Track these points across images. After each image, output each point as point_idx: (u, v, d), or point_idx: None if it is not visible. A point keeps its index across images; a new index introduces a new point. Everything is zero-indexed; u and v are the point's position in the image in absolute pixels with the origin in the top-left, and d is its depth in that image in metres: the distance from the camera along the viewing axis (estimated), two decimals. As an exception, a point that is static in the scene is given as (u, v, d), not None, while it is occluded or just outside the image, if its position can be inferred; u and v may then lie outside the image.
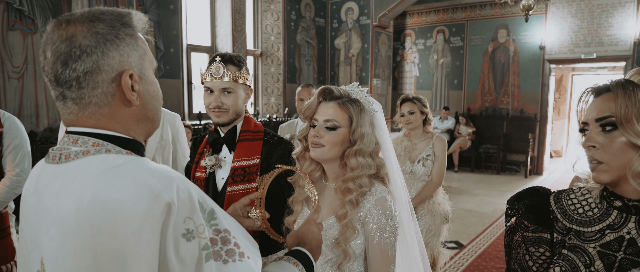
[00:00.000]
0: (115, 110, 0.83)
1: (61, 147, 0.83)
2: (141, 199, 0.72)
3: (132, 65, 0.83)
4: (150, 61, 0.89)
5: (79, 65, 0.79)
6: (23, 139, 2.24)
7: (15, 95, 4.06)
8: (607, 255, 0.98)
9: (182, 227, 0.75)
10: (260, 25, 7.20)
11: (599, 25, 8.06)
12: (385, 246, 1.28)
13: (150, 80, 0.88)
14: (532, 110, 8.90)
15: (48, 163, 0.84)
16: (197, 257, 0.76)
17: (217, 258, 0.78)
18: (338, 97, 1.36)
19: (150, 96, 0.88)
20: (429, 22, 9.90)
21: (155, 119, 0.92)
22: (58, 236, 0.76)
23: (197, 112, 5.89)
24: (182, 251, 0.75)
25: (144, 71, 0.86)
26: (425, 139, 2.98)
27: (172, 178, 0.77)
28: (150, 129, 0.92)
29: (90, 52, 0.79)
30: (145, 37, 0.91)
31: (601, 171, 0.97)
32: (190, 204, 0.77)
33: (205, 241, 0.77)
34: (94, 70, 0.79)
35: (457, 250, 4.63)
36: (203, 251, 0.76)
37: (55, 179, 0.80)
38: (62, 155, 0.81)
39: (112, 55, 0.80)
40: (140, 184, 0.74)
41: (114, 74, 0.81)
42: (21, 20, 4.05)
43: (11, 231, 2.26)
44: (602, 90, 1.00)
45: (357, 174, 1.30)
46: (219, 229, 0.80)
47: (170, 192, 0.74)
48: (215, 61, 1.61)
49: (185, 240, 0.75)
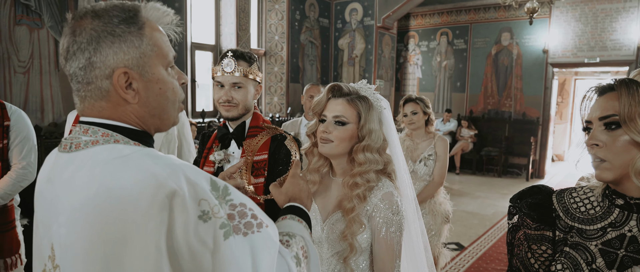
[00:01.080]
0: (114, 105, 0.84)
1: (72, 136, 0.85)
2: (147, 186, 0.74)
3: (128, 63, 0.82)
4: (162, 56, 0.87)
5: (74, 61, 0.82)
6: (29, 133, 2.26)
7: (21, 90, 4.09)
8: (609, 252, 0.99)
9: (198, 210, 0.76)
10: (265, 25, 7.23)
11: (603, 29, 8.07)
12: (391, 240, 1.31)
13: (155, 78, 0.85)
14: (534, 114, 8.90)
15: (60, 152, 0.86)
16: (215, 236, 0.77)
17: (237, 232, 0.80)
18: (347, 93, 1.38)
19: (153, 94, 0.86)
20: (433, 24, 9.91)
21: (163, 117, 0.90)
22: (67, 223, 0.78)
23: (201, 110, 5.92)
24: (201, 232, 0.76)
25: (147, 69, 0.84)
26: (427, 139, 3.00)
27: (177, 165, 0.78)
28: (159, 126, 0.90)
29: (84, 48, 0.80)
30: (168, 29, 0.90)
31: (604, 169, 0.98)
32: (201, 186, 0.78)
33: (222, 219, 0.78)
34: (87, 67, 0.81)
35: (458, 251, 4.64)
36: (220, 229, 0.78)
37: (66, 167, 0.82)
38: (73, 144, 0.83)
39: (105, 52, 0.81)
40: (145, 172, 0.75)
41: (107, 71, 0.81)
42: (28, 15, 4.08)
43: (16, 224, 2.28)
44: (606, 89, 1.01)
45: (365, 169, 1.33)
46: (234, 204, 0.82)
47: (176, 178, 0.75)
48: (227, 56, 1.63)
49: (202, 222, 0.76)
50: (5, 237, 2.18)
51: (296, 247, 0.95)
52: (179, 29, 0.93)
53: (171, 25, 0.92)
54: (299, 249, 0.95)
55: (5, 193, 2.12)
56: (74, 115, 2.40)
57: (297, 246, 0.96)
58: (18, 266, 2.22)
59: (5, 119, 2.17)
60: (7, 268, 2.16)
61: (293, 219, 1.06)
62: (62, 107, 4.37)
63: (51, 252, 0.83)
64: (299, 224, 1.05)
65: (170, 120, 0.92)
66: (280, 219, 1.07)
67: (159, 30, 0.88)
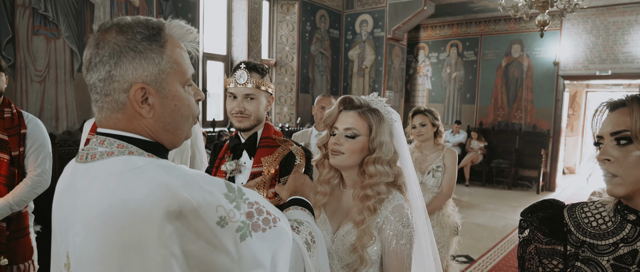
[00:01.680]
0: (129, 117, 0.86)
1: (89, 147, 0.87)
2: (160, 198, 0.75)
3: (146, 79, 0.84)
4: (181, 73, 0.88)
5: (95, 73, 0.84)
6: (45, 141, 2.30)
7: (37, 99, 4.17)
8: (621, 268, 0.99)
9: (215, 216, 0.78)
10: (276, 36, 7.29)
11: (615, 42, 8.01)
12: (402, 253, 1.31)
13: (171, 94, 0.87)
14: (545, 126, 8.83)
15: (77, 162, 0.88)
16: (234, 240, 0.80)
17: (256, 229, 0.83)
18: (358, 106, 1.40)
19: (168, 111, 0.87)
20: (443, 35, 9.92)
21: (177, 133, 0.91)
22: (82, 232, 0.80)
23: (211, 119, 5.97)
24: (220, 237, 0.78)
25: (164, 85, 0.86)
26: (435, 151, 2.99)
27: (191, 175, 0.80)
28: (173, 141, 0.92)
29: (105, 61, 0.82)
30: (189, 47, 0.92)
31: (616, 184, 0.98)
32: (216, 193, 0.80)
33: (238, 223, 0.81)
34: (106, 79, 0.83)
35: (467, 264, 4.59)
36: (237, 233, 0.80)
37: (82, 177, 0.84)
38: (89, 155, 0.85)
39: (125, 67, 0.82)
40: (159, 184, 0.77)
41: (126, 85, 0.83)
42: (46, 26, 4.17)
43: (30, 230, 2.32)
44: (617, 105, 1.02)
45: (375, 181, 1.34)
46: (251, 203, 0.85)
47: (190, 188, 0.77)
48: (239, 68, 1.65)
49: (220, 227, 0.78)
50: (19, 244, 2.22)
51: (305, 233, 1.00)
52: (197, 43, 0.95)
53: (193, 43, 0.93)
54: (307, 235, 1.00)
55: (20, 200, 2.16)
56: (91, 123, 2.45)
57: (306, 232, 1.00)
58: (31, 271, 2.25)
59: (22, 127, 2.22)
60: (20, 274, 2.19)
61: (296, 209, 1.11)
62: (77, 116, 4.45)
63: (67, 260, 0.85)
64: (303, 211, 1.11)
65: (183, 136, 0.93)
66: (285, 210, 1.11)
67: (181, 47, 0.90)
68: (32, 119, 2.29)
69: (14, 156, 2.18)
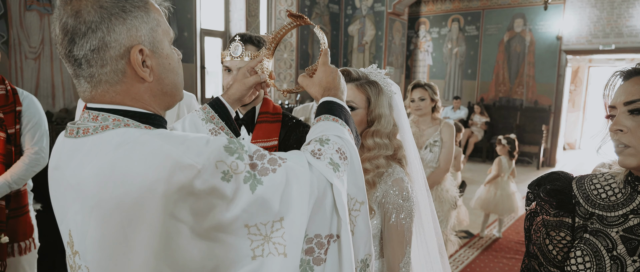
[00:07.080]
0: (128, 87, 0.82)
1: (80, 122, 0.83)
2: (162, 168, 0.72)
3: (142, 39, 0.80)
4: (165, 32, 0.86)
5: (85, 43, 0.77)
6: (41, 118, 2.27)
7: (32, 76, 4.11)
8: (630, 239, 0.97)
9: (218, 174, 0.75)
10: (274, 11, 7.17)
11: (619, 15, 7.89)
12: (402, 227, 1.29)
13: (164, 53, 0.85)
14: (546, 102, 8.79)
15: (66, 137, 0.84)
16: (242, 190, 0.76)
17: (264, 174, 0.79)
18: (356, 78, 1.36)
19: (166, 70, 0.85)
20: (444, 10, 9.77)
21: (174, 93, 0.89)
22: (82, 210, 0.77)
23: (210, 96, 5.92)
24: (227, 191, 0.75)
25: (157, 44, 0.83)
26: (433, 125, 2.97)
27: (190, 140, 0.76)
28: (169, 103, 0.90)
29: (95, 28, 0.77)
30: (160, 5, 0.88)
31: (628, 155, 0.95)
32: (216, 151, 0.76)
33: (243, 173, 0.77)
34: (100, 48, 0.77)
35: (467, 239, 4.62)
36: (245, 183, 0.77)
37: (75, 153, 0.80)
38: (80, 129, 0.81)
39: (118, 30, 0.78)
40: (159, 154, 0.73)
41: (122, 50, 0.79)
42: (38, 1, 4.08)
43: (29, 209, 2.31)
44: (631, 74, 0.98)
45: (374, 154, 1.31)
46: (250, 155, 0.80)
47: (191, 153, 0.74)
48: (234, 40, 1.60)
49: (226, 182, 0.75)
50: (19, 222, 2.21)
51: (330, 152, 0.89)
52: (166, 4, 0.91)
53: (162, 4, 0.90)
54: (333, 153, 0.89)
55: (18, 178, 2.14)
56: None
57: (332, 150, 0.89)
58: (31, 249, 2.25)
59: (17, 104, 2.18)
60: (20, 252, 2.19)
61: (327, 120, 0.98)
62: (73, 94, 4.40)
63: (69, 239, 0.83)
64: (335, 122, 0.97)
65: (180, 95, 0.92)
66: (315, 120, 1.00)
67: (157, 6, 0.87)
68: (27, 96, 2.25)
69: (10, 133, 2.14)
